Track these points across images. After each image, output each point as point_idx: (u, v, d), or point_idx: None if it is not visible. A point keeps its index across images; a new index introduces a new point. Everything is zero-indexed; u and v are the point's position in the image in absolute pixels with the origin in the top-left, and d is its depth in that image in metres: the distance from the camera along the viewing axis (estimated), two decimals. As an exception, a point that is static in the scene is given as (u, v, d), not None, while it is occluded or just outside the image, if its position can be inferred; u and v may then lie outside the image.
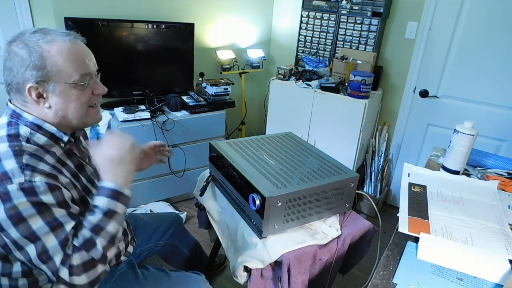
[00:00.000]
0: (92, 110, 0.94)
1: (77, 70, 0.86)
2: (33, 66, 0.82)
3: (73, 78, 0.86)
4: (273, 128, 2.72)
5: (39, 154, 0.82)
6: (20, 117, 0.86)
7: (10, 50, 0.84)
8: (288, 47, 3.02)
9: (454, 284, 0.83)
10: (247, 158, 1.24)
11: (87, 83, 0.89)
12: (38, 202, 0.76)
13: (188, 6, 2.53)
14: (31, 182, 0.76)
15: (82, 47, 0.90)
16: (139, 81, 2.33)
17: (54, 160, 0.85)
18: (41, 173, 0.78)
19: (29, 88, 0.83)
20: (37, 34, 0.84)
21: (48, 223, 0.77)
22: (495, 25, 2.06)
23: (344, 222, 1.24)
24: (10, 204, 0.74)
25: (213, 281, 1.91)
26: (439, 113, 2.39)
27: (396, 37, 2.44)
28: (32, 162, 0.79)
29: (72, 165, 0.92)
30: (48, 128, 0.88)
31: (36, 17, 1.98)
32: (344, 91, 2.35)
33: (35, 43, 0.83)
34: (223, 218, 1.32)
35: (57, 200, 0.79)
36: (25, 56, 0.82)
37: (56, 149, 0.88)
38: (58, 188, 0.80)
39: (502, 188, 1.23)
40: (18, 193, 0.75)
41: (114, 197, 0.85)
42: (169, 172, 2.36)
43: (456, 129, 1.27)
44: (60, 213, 0.79)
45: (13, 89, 0.86)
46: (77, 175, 0.93)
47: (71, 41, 0.87)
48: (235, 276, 1.13)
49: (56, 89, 0.85)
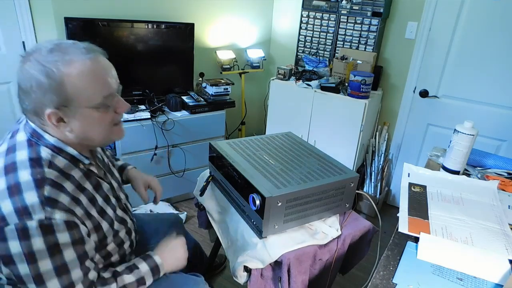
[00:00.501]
0: (116, 128, 0.90)
1: (99, 92, 0.82)
2: (52, 91, 0.77)
3: (95, 101, 0.81)
4: (273, 128, 2.72)
5: (60, 182, 0.80)
6: (41, 138, 0.82)
7: (26, 71, 0.77)
8: (288, 47, 3.02)
9: (454, 284, 0.83)
10: (247, 158, 1.24)
11: (109, 104, 0.85)
12: (53, 243, 0.75)
13: (188, 6, 2.53)
14: (51, 219, 0.75)
15: (103, 65, 0.84)
16: (139, 81, 2.33)
17: (73, 187, 0.83)
18: (61, 209, 0.77)
19: (49, 114, 0.79)
20: (54, 53, 0.77)
21: (56, 267, 0.76)
22: (495, 25, 2.06)
23: (344, 222, 1.24)
24: (27, 241, 0.73)
25: (213, 281, 1.91)
26: (439, 113, 2.39)
27: (396, 37, 2.44)
28: (53, 194, 0.77)
29: (90, 187, 0.90)
30: (70, 151, 0.85)
31: (36, 17, 1.98)
32: (344, 91, 2.35)
33: (53, 65, 0.76)
34: (223, 218, 1.32)
35: (73, 239, 0.78)
36: (43, 80, 0.76)
37: (75, 172, 0.86)
38: (76, 225, 0.79)
39: (502, 188, 1.23)
40: (37, 231, 0.73)
41: (154, 272, 0.97)
42: (169, 172, 2.36)
43: (456, 129, 1.27)
44: (71, 256, 0.78)
45: (31, 111, 0.81)
46: (94, 199, 0.90)
47: (92, 60, 0.80)
48: (235, 276, 1.13)
49: (77, 113, 0.81)
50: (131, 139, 2.12)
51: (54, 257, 0.76)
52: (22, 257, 0.74)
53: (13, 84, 2.05)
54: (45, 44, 0.80)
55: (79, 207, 0.83)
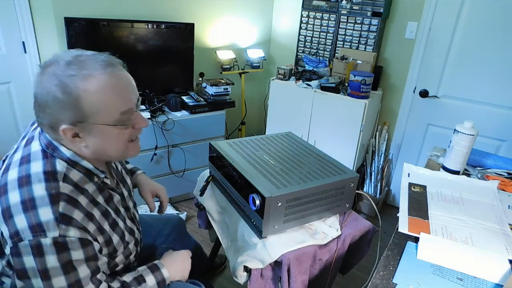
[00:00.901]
0: (132, 144, 0.88)
1: (118, 108, 0.79)
2: (68, 107, 0.75)
3: (113, 118, 0.79)
4: (273, 128, 2.72)
5: (74, 196, 0.79)
6: (56, 150, 0.80)
7: (42, 85, 0.75)
8: (288, 47, 3.02)
9: (454, 284, 0.83)
10: (247, 158, 1.24)
11: (127, 121, 0.82)
12: (67, 260, 0.75)
13: (188, 6, 2.53)
14: (65, 237, 0.74)
15: (123, 79, 0.81)
16: (139, 81, 2.27)
17: (87, 201, 0.82)
18: (75, 226, 0.76)
19: (64, 129, 0.77)
20: (72, 67, 0.75)
21: (69, 284, 0.76)
22: (495, 25, 2.06)
23: (344, 222, 1.24)
24: (41, 258, 0.73)
25: (213, 281, 1.91)
26: (439, 113, 2.39)
27: (396, 37, 2.44)
28: (68, 211, 0.76)
29: (103, 200, 0.89)
30: (85, 165, 0.83)
31: (36, 17, 1.98)
32: (344, 91, 2.35)
33: (70, 80, 0.74)
34: (223, 218, 1.32)
35: (86, 256, 0.78)
36: (59, 95, 0.74)
37: (89, 186, 0.84)
38: (89, 243, 0.79)
39: (502, 188, 1.23)
40: (51, 249, 0.73)
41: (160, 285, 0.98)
42: (169, 172, 2.36)
43: (456, 129, 1.27)
44: (84, 273, 0.78)
45: (46, 125, 0.79)
46: (107, 212, 0.89)
47: (111, 75, 0.77)
48: (235, 276, 1.13)
49: (93, 129, 0.78)
50: (131, 139, 2.12)
51: (68, 274, 0.75)
52: (36, 273, 0.74)
53: (13, 84, 2.05)
54: (63, 55, 0.77)
55: (92, 223, 0.82)
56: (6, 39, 1.95)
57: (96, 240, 0.83)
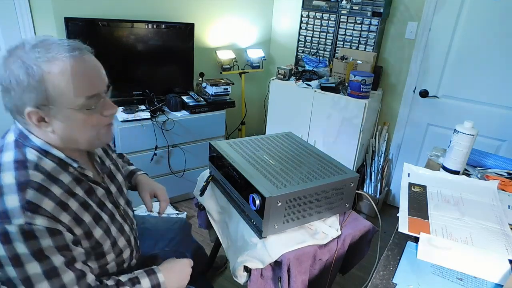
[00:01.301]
0: (103, 131, 0.86)
1: (83, 92, 0.77)
2: (31, 89, 0.74)
3: (78, 102, 0.77)
4: (273, 128, 2.72)
5: (46, 185, 0.77)
6: (27, 139, 0.80)
7: (7, 67, 0.74)
8: (288, 47, 3.02)
9: (454, 284, 0.83)
10: (247, 158, 1.24)
11: (94, 106, 0.80)
12: (37, 248, 0.73)
13: (188, 6, 2.53)
14: (31, 225, 0.72)
15: (89, 64, 0.80)
16: (139, 81, 2.33)
17: (61, 191, 0.80)
18: (43, 215, 0.74)
19: (29, 112, 0.76)
20: (37, 49, 0.75)
21: (44, 271, 0.74)
22: (495, 25, 2.06)
23: (344, 222, 1.24)
24: (9, 245, 0.72)
25: (213, 281, 1.91)
26: (439, 113, 2.39)
27: (396, 37, 2.44)
28: (36, 199, 0.74)
29: (82, 192, 0.86)
30: (56, 153, 0.82)
31: (36, 17, 1.98)
32: (344, 91, 2.35)
33: (34, 62, 0.73)
34: (223, 218, 1.32)
35: (57, 245, 0.76)
36: (23, 77, 0.73)
37: (64, 176, 0.82)
38: (59, 232, 0.77)
39: (502, 188, 1.23)
40: (17, 236, 0.71)
41: None
42: (169, 172, 2.36)
43: (456, 129, 1.27)
44: (59, 260, 0.76)
45: (13, 110, 0.79)
46: (86, 204, 0.87)
47: (76, 58, 0.77)
48: (235, 276, 1.13)
49: (58, 113, 0.77)
50: (131, 139, 2.12)
51: (41, 262, 0.74)
52: (7, 261, 0.73)
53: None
54: (30, 39, 0.77)
55: (66, 213, 0.80)
56: (6, 39, 1.95)
57: (70, 230, 0.80)
